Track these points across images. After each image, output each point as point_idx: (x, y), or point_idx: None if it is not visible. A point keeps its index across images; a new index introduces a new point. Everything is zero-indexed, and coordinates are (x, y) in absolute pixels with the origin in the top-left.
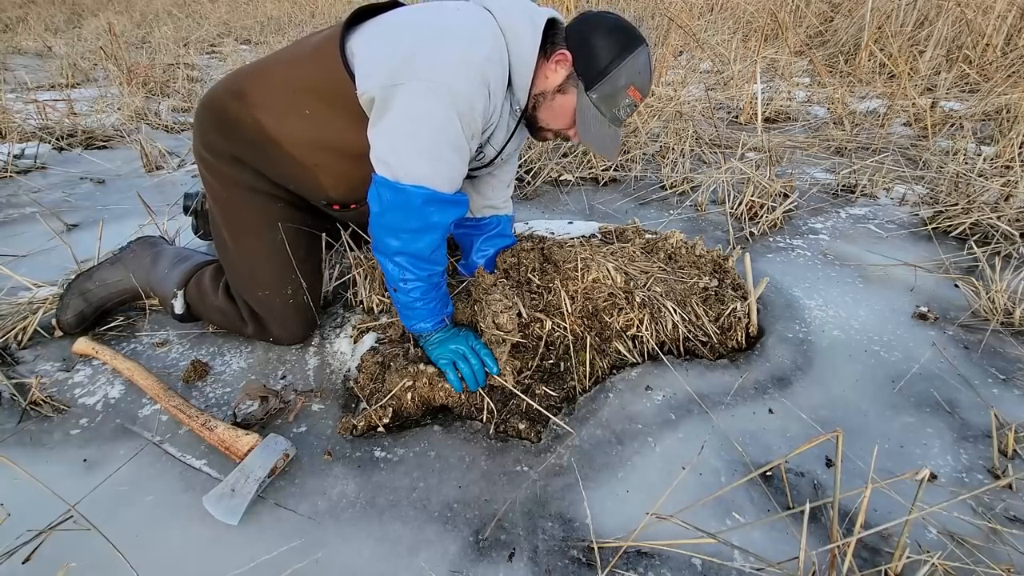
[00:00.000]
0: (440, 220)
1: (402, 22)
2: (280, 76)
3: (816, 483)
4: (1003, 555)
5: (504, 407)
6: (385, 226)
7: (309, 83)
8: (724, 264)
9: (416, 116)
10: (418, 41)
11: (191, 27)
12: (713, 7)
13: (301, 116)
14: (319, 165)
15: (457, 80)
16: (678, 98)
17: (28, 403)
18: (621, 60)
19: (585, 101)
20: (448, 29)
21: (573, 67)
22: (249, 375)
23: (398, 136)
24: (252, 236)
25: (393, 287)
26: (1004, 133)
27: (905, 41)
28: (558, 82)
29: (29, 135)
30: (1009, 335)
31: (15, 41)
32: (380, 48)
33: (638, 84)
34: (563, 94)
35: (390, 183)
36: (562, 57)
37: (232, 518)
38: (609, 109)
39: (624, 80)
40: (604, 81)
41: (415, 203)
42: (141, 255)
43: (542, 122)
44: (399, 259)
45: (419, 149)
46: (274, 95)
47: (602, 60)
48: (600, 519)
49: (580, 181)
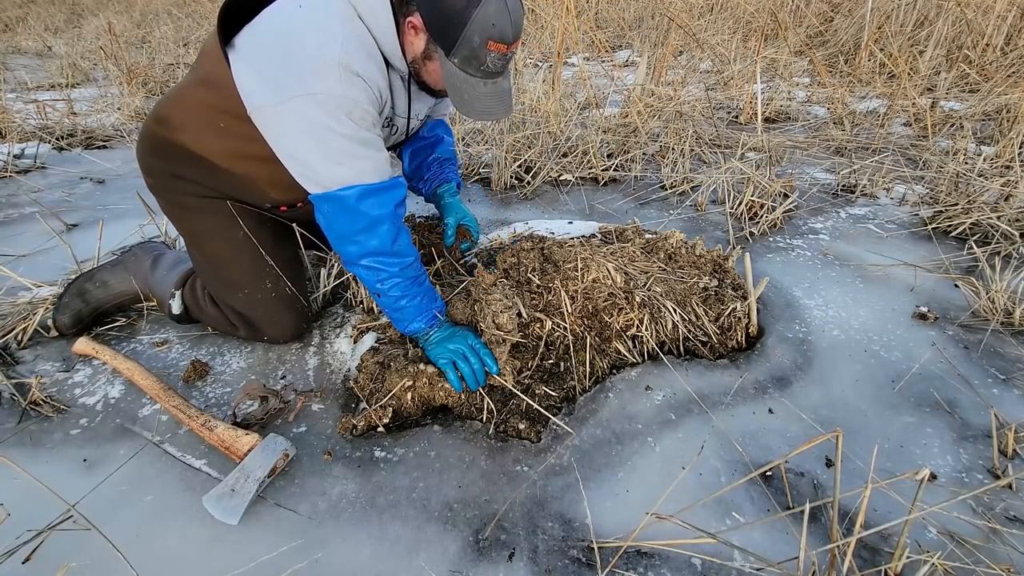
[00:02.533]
0: (382, 211)
1: (263, 35)
2: (191, 98)
3: (816, 483)
4: (1003, 555)
5: (504, 407)
6: (338, 236)
7: (212, 101)
8: (724, 264)
9: (311, 128)
10: (281, 54)
11: (191, 27)
12: (713, 7)
13: (217, 131)
14: (248, 173)
15: (327, 83)
16: (678, 98)
17: (28, 403)
18: (468, 14)
19: (449, 67)
20: (298, 37)
21: (428, 32)
22: (249, 375)
23: (306, 153)
24: (213, 241)
25: (375, 293)
26: (1004, 133)
27: (905, 41)
28: (421, 48)
29: (29, 135)
30: (1009, 335)
31: (15, 41)
32: (251, 66)
33: (495, 36)
34: (430, 60)
35: (322, 196)
36: (412, 25)
37: (232, 518)
38: (476, 68)
39: (478, 38)
40: (459, 43)
41: (351, 203)
42: (142, 258)
43: (432, 85)
44: (366, 261)
45: (329, 156)
46: (189, 116)
47: (451, 22)
48: (600, 519)
49: (580, 181)
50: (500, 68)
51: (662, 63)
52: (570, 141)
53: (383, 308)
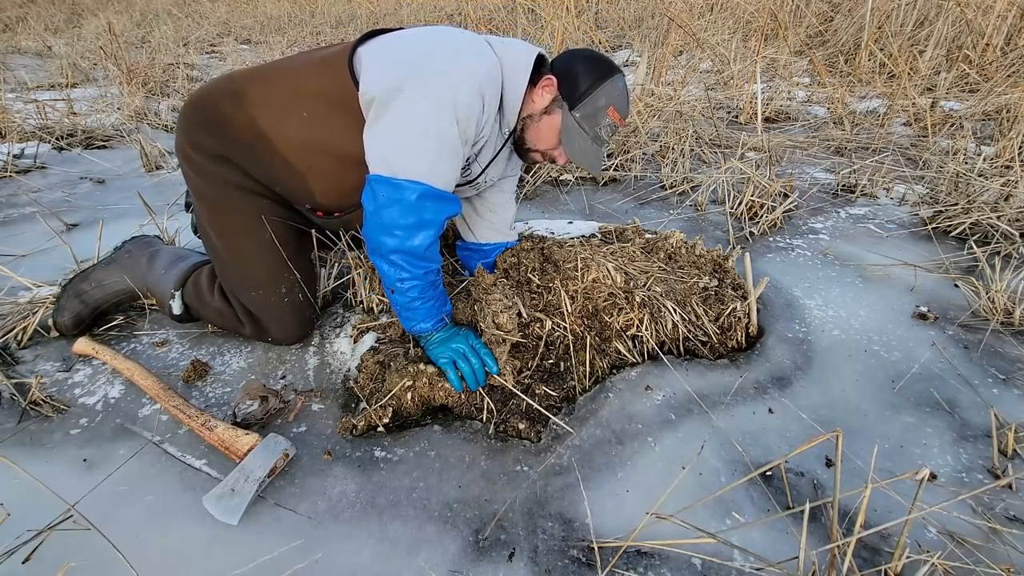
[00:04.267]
0: (434, 217)
1: (411, 38)
2: (282, 79)
3: (816, 483)
4: (1003, 555)
5: (504, 407)
6: (381, 224)
7: (311, 87)
8: (724, 264)
9: (418, 118)
10: (426, 55)
11: (191, 27)
12: (713, 7)
13: (299, 118)
14: (311, 168)
15: (459, 89)
16: (678, 98)
17: (28, 403)
18: (601, 83)
19: (569, 120)
20: (455, 48)
21: (558, 91)
22: (249, 375)
23: (399, 136)
24: (240, 235)
25: (390, 288)
26: (1004, 133)
27: (905, 41)
28: (544, 105)
29: (29, 135)
30: (1009, 335)
31: (15, 41)
32: (388, 55)
33: (617, 106)
34: (549, 115)
35: (386, 179)
36: (548, 82)
37: (232, 518)
38: (591, 127)
39: (604, 101)
40: (586, 101)
41: (411, 198)
42: (137, 255)
43: (529, 143)
44: (395, 257)
45: (419, 147)
46: (273, 96)
47: (583, 83)
48: (600, 519)
49: (580, 181)
50: (606, 137)
51: (662, 63)
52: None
53: (394, 305)
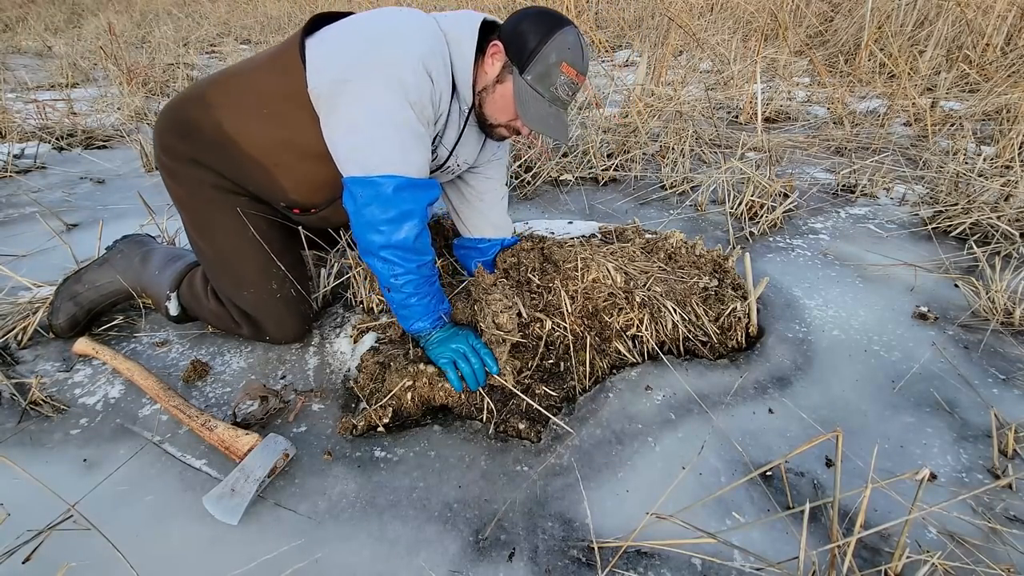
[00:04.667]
0: (414, 206)
1: (351, 27)
2: (241, 79)
3: (816, 483)
4: (1003, 555)
5: (504, 407)
6: (365, 223)
7: (268, 84)
8: (724, 264)
9: (372, 111)
10: (365, 41)
11: (191, 27)
12: (713, 7)
13: (260, 116)
14: (279, 165)
15: (404, 72)
16: (678, 98)
17: (28, 403)
18: (548, 38)
19: (520, 83)
20: (393, 29)
21: (506, 55)
22: (249, 375)
23: (359, 132)
24: (223, 236)
25: (386, 287)
26: (1004, 133)
27: (905, 41)
28: (496, 73)
29: (29, 135)
30: (1009, 335)
31: (15, 41)
32: (330, 47)
33: (570, 60)
34: (502, 83)
35: (360, 179)
36: (495, 49)
37: (232, 518)
38: (546, 88)
39: (554, 57)
40: (535, 61)
41: (388, 192)
42: (130, 255)
43: (490, 117)
44: (385, 253)
45: (382, 140)
46: (233, 96)
47: (531, 42)
48: (600, 519)
49: (580, 181)
50: (566, 96)
51: (662, 63)
52: (570, 141)
53: (391, 304)
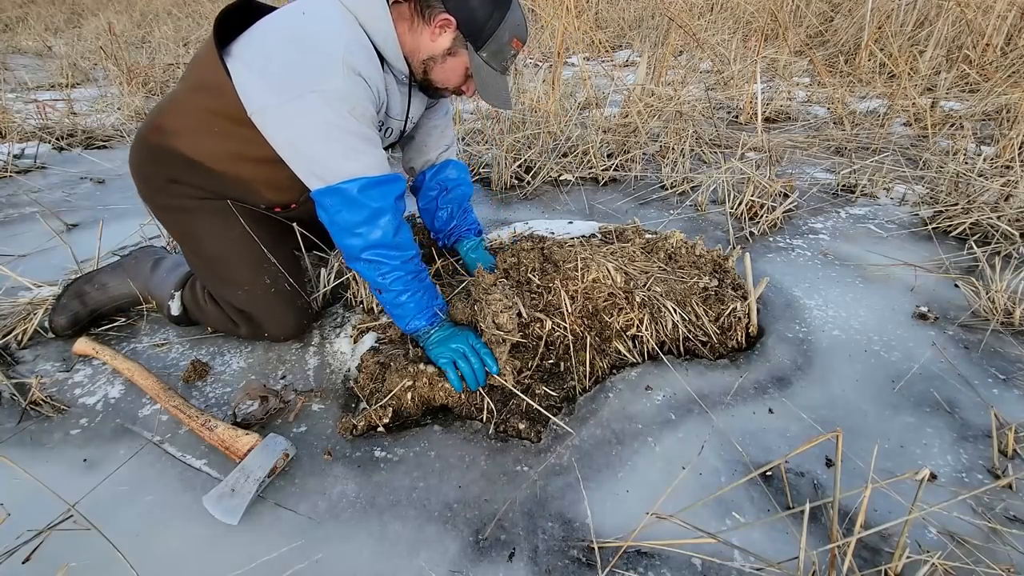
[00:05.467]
0: (383, 202)
1: (265, 42)
2: (186, 104)
3: (816, 483)
4: (1003, 555)
5: (504, 407)
6: (341, 230)
7: (209, 105)
8: (724, 264)
9: (316, 124)
10: (283, 60)
11: (191, 27)
12: (713, 7)
13: (213, 135)
14: (245, 175)
15: (333, 83)
16: (678, 98)
17: (28, 403)
18: (502, 18)
19: (478, 61)
20: (303, 40)
21: (458, 30)
22: (249, 375)
23: (310, 149)
24: (210, 240)
25: (376, 289)
26: (1004, 133)
27: (905, 41)
28: (446, 45)
29: (29, 135)
30: (1009, 335)
31: (15, 41)
32: (253, 71)
33: (519, 35)
34: (453, 56)
35: (325, 190)
36: (445, 22)
37: (232, 518)
38: (499, 63)
39: (508, 35)
40: (491, 40)
41: (353, 195)
42: (143, 261)
43: (437, 83)
44: (368, 255)
45: (333, 151)
46: (182, 120)
47: (485, 22)
48: (600, 519)
49: (580, 181)
50: (509, 65)
51: (662, 63)
52: (570, 141)
53: (384, 305)
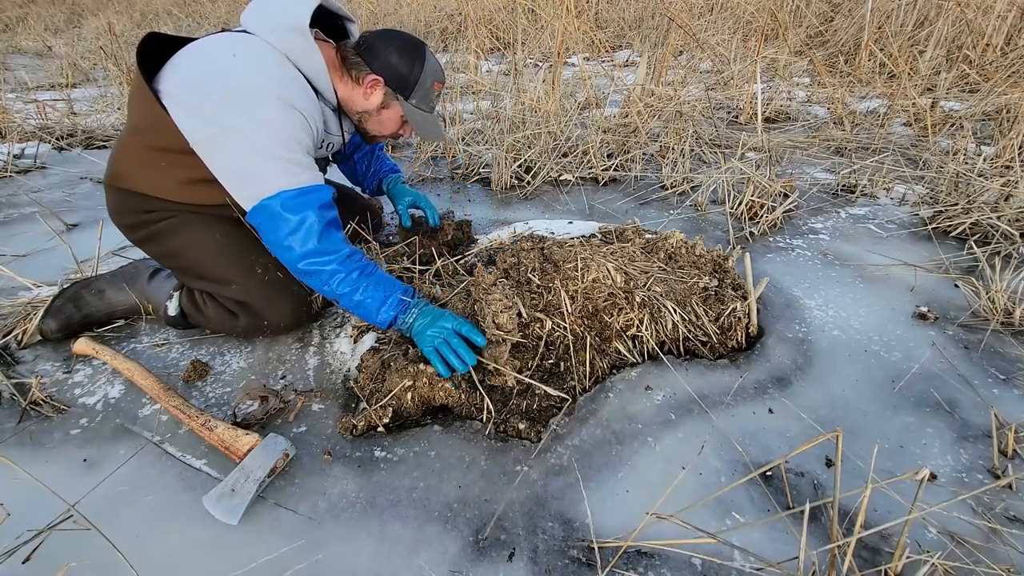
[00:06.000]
0: (307, 210)
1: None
2: (130, 145)
3: (816, 483)
4: (1003, 555)
5: (504, 407)
6: (275, 245)
7: (151, 143)
8: (724, 264)
9: (250, 151)
10: (217, 96)
11: (191, 27)
12: (713, 7)
13: (160, 169)
14: (205, 197)
15: (267, 112)
16: (678, 98)
17: (28, 403)
18: (421, 68)
19: (409, 108)
20: (236, 77)
21: (387, 86)
22: (249, 375)
23: (242, 172)
24: (192, 249)
25: (334, 298)
26: (1004, 133)
27: (905, 41)
28: (378, 101)
29: (29, 135)
30: (1009, 335)
31: (15, 41)
32: (186, 109)
33: (438, 78)
34: (387, 108)
35: (252, 210)
36: (375, 83)
37: (232, 518)
38: (427, 104)
39: (429, 80)
40: (416, 88)
41: (275, 209)
42: (141, 270)
43: (373, 131)
44: (303, 265)
45: (264, 173)
46: (132, 163)
47: (407, 73)
48: (600, 519)
49: (580, 181)
50: (435, 104)
51: (662, 63)
52: (570, 141)
53: (349, 310)
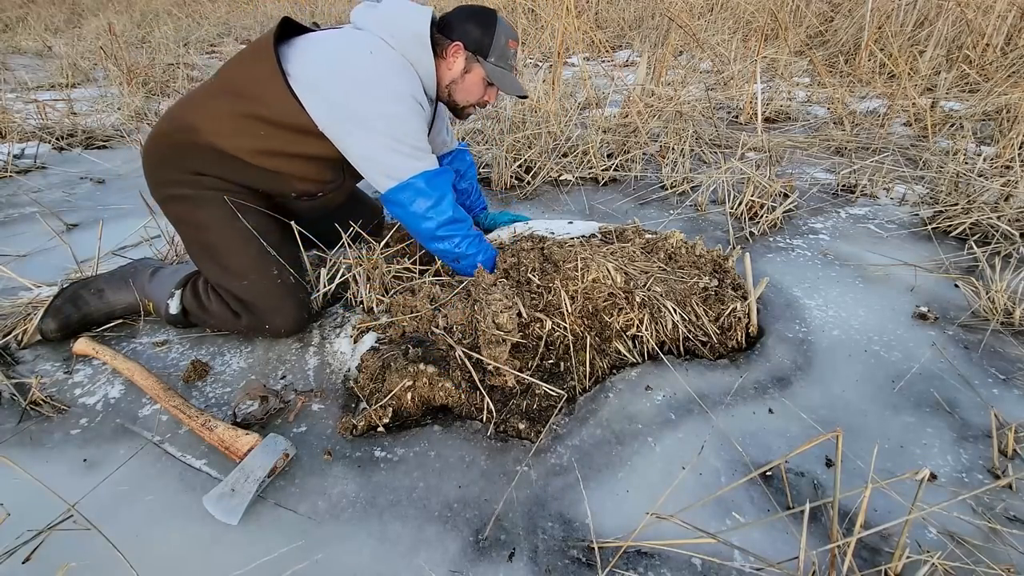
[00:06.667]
0: (443, 189)
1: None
2: (228, 108)
3: (816, 483)
4: (1003, 555)
5: (504, 407)
6: (416, 217)
7: (263, 115)
8: (724, 264)
9: (389, 140)
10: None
11: (191, 27)
12: (713, 7)
13: (256, 136)
14: (282, 169)
15: (402, 108)
16: (678, 98)
17: (28, 403)
18: (495, 28)
19: (490, 67)
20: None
21: (467, 51)
22: (249, 375)
23: (384, 158)
24: (222, 229)
25: (455, 259)
26: (1004, 133)
27: (905, 41)
28: (461, 66)
29: (29, 135)
30: (1009, 335)
31: (15, 41)
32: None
33: (512, 36)
34: (469, 72)
35: (397, 187)
36: (456, 48)
37: (232, 518)
38: (505, 61)
39: (504, 38)
40: (494, 46)
41: (422, 185)
42: (141, 270)
43: (461, 102)
44: (442, 231)
45: (404, 155)
46: (225, 124)
47: (484, 35)
48: (600, 519)
49: (580, 181)
50: (514, 63)
51: (662, 63)
52: (570, 141)
53: (462, 271)
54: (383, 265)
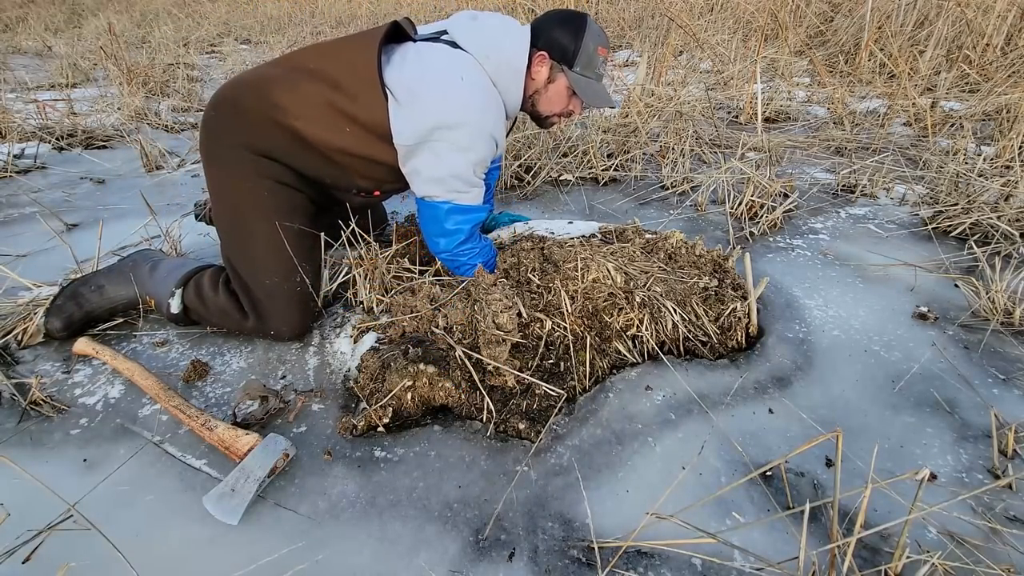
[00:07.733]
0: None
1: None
2: (321, 97)
3: (816, 483)
4: (1003, 555)
5: (504, 407)
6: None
7: (352, 113)
8: (724, 264)
9: (446, 169)
10: (438, 116)
11: (191, 27)
12: (713, 7)
13: (341, 132)
14: (352, 166)
15: (478, 143)
16: (678, 98)
17: (28, 403)
18: (583, 34)
19: (574, 76)
20: (462, 109)
21: (551, 59)
22: (249, 375)
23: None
24: (272, 222)
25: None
26: (1004, 133)
27: (905, 41)
28: (545, 76)
29: (29, 135)
30: (1009, 335)
31: (15, 41)
32: (409, 119)
33: (601, 43)
34: (553, 82)
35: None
36: (541, 58)
37: (232, 518)
38: (593, 71)
39: (592, 45)
40: (580, 55)
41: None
42: (140, 264)
43: (544, 112)
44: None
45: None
46: (313, 111)
47: (570, 43)
48: (600, 519)
49: (580, 181)
50: (603, 71)
51: (662, 63)
52: (570, 141)
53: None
54: (382, 265)
